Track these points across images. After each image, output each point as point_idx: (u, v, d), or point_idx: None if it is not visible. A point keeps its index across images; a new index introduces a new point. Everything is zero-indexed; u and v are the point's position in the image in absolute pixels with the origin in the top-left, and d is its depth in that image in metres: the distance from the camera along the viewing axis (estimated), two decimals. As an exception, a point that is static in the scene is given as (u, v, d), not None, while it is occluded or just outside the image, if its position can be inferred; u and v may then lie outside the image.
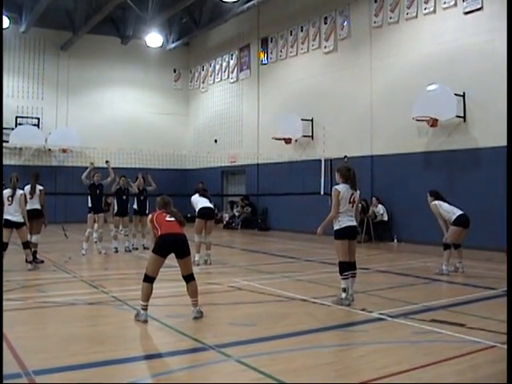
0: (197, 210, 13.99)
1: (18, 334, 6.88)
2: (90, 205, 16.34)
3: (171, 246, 7.86)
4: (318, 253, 16.71)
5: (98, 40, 30.51)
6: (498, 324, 7.32)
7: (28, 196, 13.07)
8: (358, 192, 9.37)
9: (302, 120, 23.81)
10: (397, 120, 19.87)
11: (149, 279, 7.90)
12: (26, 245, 12.67)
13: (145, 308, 7.76)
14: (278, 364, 5.81)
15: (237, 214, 27.70)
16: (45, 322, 7.89)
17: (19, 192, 12.46)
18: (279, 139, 24.27)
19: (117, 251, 16.34)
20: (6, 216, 12.15)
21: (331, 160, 21.08)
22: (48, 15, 27.20)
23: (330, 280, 10.65)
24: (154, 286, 7.90)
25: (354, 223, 9.19)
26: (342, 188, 9.09)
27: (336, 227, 9.04)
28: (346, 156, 20.69)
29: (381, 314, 8.08)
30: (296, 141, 24.27)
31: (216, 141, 30.59)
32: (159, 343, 6.90)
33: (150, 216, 8.38)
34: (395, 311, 8.24)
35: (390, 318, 7.83)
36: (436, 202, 12.46)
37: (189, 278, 8.04)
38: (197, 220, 14.01)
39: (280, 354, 6.19)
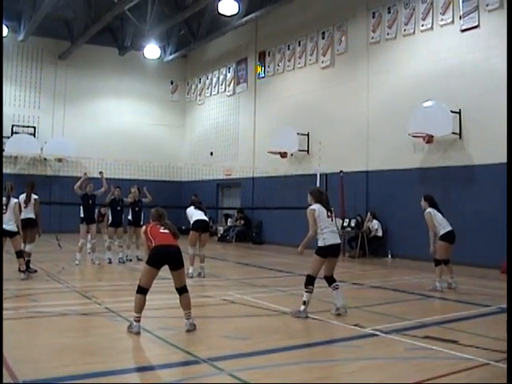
0: (191, 222, 13.98)
1: (10, 344, 6.83)
2: (82, 215, 16.31)
3: (165, 257, 7.82)
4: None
5: (96, 50, 30.55)
6: (491, 341, 7.31)
7: (23, 205, 13.08)
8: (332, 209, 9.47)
9: (298, 134, 23.85)
10: (393, 136, 19.91)
11: (142, 291, 7.85)
12: (20, 254, 12.60)
13: (138, 320, 7.70)
14: (270, 378, 5.79)
15: (230, 224, 27.70)
16: (37, 331, 7.85)
17: (13, 200, 12.43)
18: (275, 153, 24.29)
19: (110, 262, 16.30)
20: None
21: (326, 175, 21.08)
22: (46, 24, 27.23)
23: (323, 295, 10.61)
24: (147, 297, 7.87)
25: (339, 241, 9.31)
26: (316, 206, 9.25)
27: (320, 244, 9.13)
28: (341, 171, 20.72)
29: (374, 329, 8.06)
30: (292, 155, 24.30)
31: (212, 153, 30.60)
32: (151, 355, 6.87)
33: (143, 228, 8.35)
34: (388, 327, 8.22)
35: (383, 334, 7.81)
36: (431, 210, 12.34)
37: (182, 290, 8.00)
38: (191, 232, 13.99)
39: (273, 369, 6.17)
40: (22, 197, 13.50)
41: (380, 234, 19.97)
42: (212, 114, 31.51)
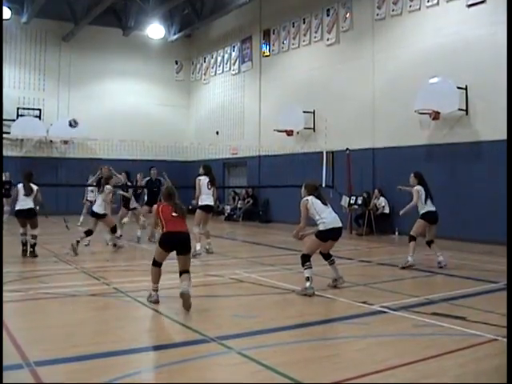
0: (201, 201, 13.98)
1: (20, 325, 6.89)
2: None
3: (174, 243, 8.11)
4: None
5: (100, 31, 30.42)
6: (499, 317, 7.31)
7: (22, 192, 13.50)
8: None
9: (304, 112, 23.77)
10: (399, 113, 19.83)
11: (156, 263, 8.34)
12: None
13: (155, 289, 8.28)
14: (279, 356, 5.81)
15: (239, 205, 27.70)
16: (46, 313, 7.89)
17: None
18: (281, 131, 24.23)
19: (138, 241, 16.55)
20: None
21: (333, 152, 21.04)
22: (49, 6, 27.08)
23: (330, 273, 10.63)
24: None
25: (340, 224, 9.48)
26: (310, 198, 9.36)
27: (321, 228, 9.24)
28: (347, 148, 20.67)
29: (382, 306, 8.07)
30: (298, 133, 24.24)
31: (218, 133, 30.53)
32: (160, 335, 6.91)
33: (155, 207, 8.55)
34: (396, 304, 8.23)
35: (391, 311, 7.83)
36: (419, 187, 12.46)
37: (183, 272, 8.17)
38: (198, 212, 14.05)
39: (281, 346, 6.20)
40: (21, 186, 13.70)
41: (387, 211, 19.95)
42: (217, 93, 31.41)
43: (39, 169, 20.88)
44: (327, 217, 9.25)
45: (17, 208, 13.51)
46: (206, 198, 14.02)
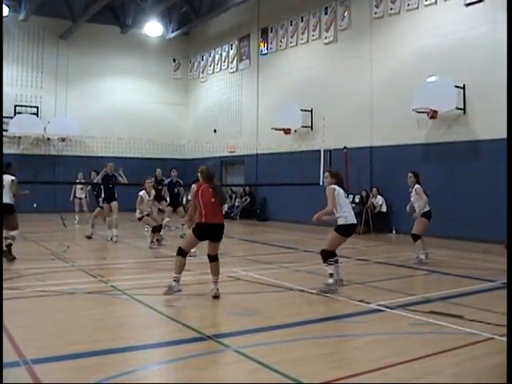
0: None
1: (17, 323, 6.88)
2: (102, 195, 16.49)
3: (210, 234, 8.32)
4: (316, 243, 16.64)
5: (98, 29, 30.38)
6: (495, 316, 7.32)
7: None
8: None
9: (302, 110, 23.77)
10: (396, 111, 19.83)
11: (182, 253, 8.46)
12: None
13: (177, 279, 8.43)
14: (276, 354, 5.82)
15: (237, 203, 27.69)
16: (43, 310, 7.87)
17: None
18: (278, 129, 24.21)
19: (182, 237, 16.57)
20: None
21: (330, 151, 21.06)
22: (47, 3, 27.06)
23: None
24: (154, 275, 7.93)
25: (355, 221, 9.53)
26: (336, 186, 9.42)
27: (342, 222, 9.27)
28: (345, 147, 20.68)
29: (379, 305, 8.08)
30: (295, 131, 24.23)
31: (215, 131, 30.52)
32: (157, 333, 6.91)
33: (194, 187, 8.40)
34: (393, 302, 8.24)
35: (388, 309, 7.84)
36: (419, 187, 12.84)
37: (214, 258, 8.51)
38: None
39: (278, 345, 6.21)
40: None
41: (384, 209, 19.98)
42: (215, 91, 31.40)
43: (37, 166, 20.92)
44: (348, 211, 9.33)
45: None
46: None
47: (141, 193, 15.27)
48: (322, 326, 7.18)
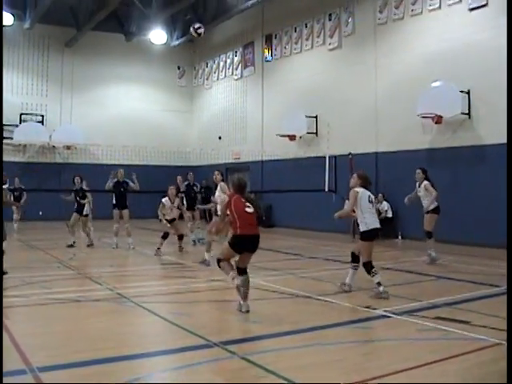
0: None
1: (23, 331, 6.88)
2: (114, 201, 16.48)
3: (248, 246, 7.96)
4: (322, 250, 16.72)
5: (102, 37, 30.49)
6: (502, 322, 7.28)
7: None
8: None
9: (307, 117, 23.78)
10: (401, 117, 19.82)
11: (221, 260, 8.13)
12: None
13: (234, 277, 7.89)
14: (283, 361, 5.80)
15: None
16: (49, 318, 7.86)
17: None
18: (283, 136, 24.23)
19: (195, 244, 17.07)
20: None
21: (335, 157, 21.03)
22: (52, 12, 27.17)
23: (333, 277, 10.62)
24: (160, 282, 7.92)
25: (379, 225, 9.59)
26: (359, 189, 9.46)
27: (363, 228, 9.39)
28: (350, 153, 20.65)
29: (385, 311, 8.06)
30: (300, 137, 24.22)
31: (220, 137, 30.54)
32: (163, 340, 6.89)
33: (226, 198, 8.19)
34: (400, 308, 8.22)
35: (394, 316, 7.81)
36: (428, 182, 13.33)
37: (244, 270, 8.08)
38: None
39: (285, 351, 6.19)
40: None
41: (390, 215, 19.95)
42: (220, 99, 31.45)
43: (42, 174, 20.96)
44: (369, 217, 9.38)
45: None
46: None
47: (163, 199, 15.54)
48: (329, 333, 7.15)
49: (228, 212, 8.02)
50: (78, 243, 16.90)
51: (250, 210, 7.98)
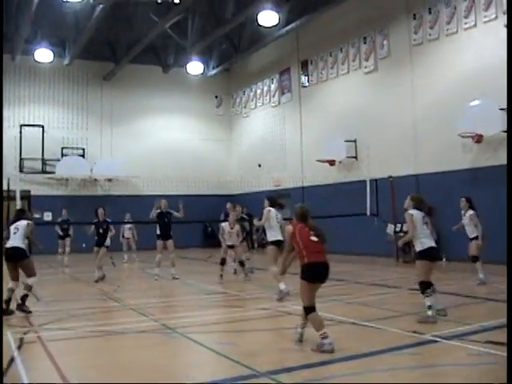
0: (270, 235, 12.85)
1: (70, 364, 6.90)
2: (158, 232, 16.51)
3: (320, 276, 7.67)
4: (367, 274, 16.55)
5: (140, 69, 30.93)
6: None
7: (12, 231, 11.02)
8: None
9: (346, 141, 23.74)
10: (441, 137, 19.65)
11: (310, 309, 7.60)
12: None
13: (325, 336, 7.33)
14: (331, 390, 5.72)
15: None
16: (95, 351, 7.88)
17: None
18: (323, 161, 24.19)
19: (235, 272, 16.86)
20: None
21: (376, 180, 20.90)
22: (90, 47, 27.71)
23: (380, 302, 10.49)
24: (204, 312, 7.88)
25: (434, 244, 9.70)
26: (413, 211, 9.79)
27: (419, 248, 9.51)
28: (390, 176, 20.51)
29: (434, 335, 7.91)
30: (340, 162, 24.17)
31: (260, 165, 30.57)
32: (210, 370, 6.84)
33: (290, 228, 7.96)
34: (448, 332, 8.06)
35: (443, 340, 7.66)
36: (473, 213, 13.56)
37: (314, 309, 7.69)
38: (272, 248, 12.71)
39: (332, 380, 6.11)
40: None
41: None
42: (258, 126, 31.57)
43: (84, 207, 21.17)
44: (425, 236, 9.56)
45: (6, 246, 10.91)
46: (277, 232, 12.76)
47: (223, 224, 16.16)
48: (376, 359, 7.01)
49: (293, 243, 7.82)
50: (122, 274, 16.98)
51: (314, 238, 7.79)
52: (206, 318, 9.12)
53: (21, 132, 28.55)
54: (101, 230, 16.47)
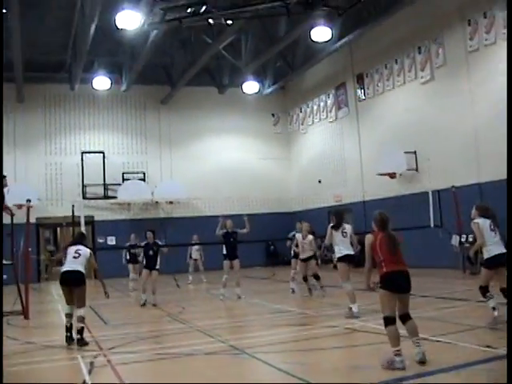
0: (338, 251, 12.71)
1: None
2: (224, 252, 16.59)
3: (401, 284, 7.53)
4: (432, 287, 16.26)
5: (196, 91, 31.22)
6: None
7: (71, 255, 10.63)
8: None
9: (405, 153, 23.46)
10: (504, 143, 19.21)
11: (389, 321, 7.40)
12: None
13: (398, 353, 7.15)
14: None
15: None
16: (163, 373, 7.89)
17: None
18: (383, 174, 23.96)
19: (293, 292, 16.79)
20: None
21: (438, 191, 20.58)
22: (147, 72, 28.13)
23: (450, 316, 10.27)
24: (271, 332, 7.83)
25: (504, 250, 9.80)
26: (479, 220, 10.07)
27: (486, 256, 9.72)
28: (453, 186, 20.18)
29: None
30: (400, 175, 23.91)
31: (320, 181, 30.45)
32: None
33: (370, 238, 7.80)
34: (523, 346, 7.82)
35: (518, 354, 7.44)
36: None
37: (407, 316, 7.59)
38: (341, 264, 12.74)
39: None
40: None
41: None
42: (316, 142, 31.48)
43: (147, 229, 21.35)
44: (492, 243, 9.71)
45: (62, 269, 10.61)
46: (345, 247, 12.65)
47: (297, 234, 16.55)
48: (451, 376, 6.82)
49: (373, 253, 7.69)
50: (187, 296, 17.06)
51: (394, 248, 7.67)
52: (274, 338, 9.06)
53: (82, 159, 29.16)
54: (151, 252, 16.31)
